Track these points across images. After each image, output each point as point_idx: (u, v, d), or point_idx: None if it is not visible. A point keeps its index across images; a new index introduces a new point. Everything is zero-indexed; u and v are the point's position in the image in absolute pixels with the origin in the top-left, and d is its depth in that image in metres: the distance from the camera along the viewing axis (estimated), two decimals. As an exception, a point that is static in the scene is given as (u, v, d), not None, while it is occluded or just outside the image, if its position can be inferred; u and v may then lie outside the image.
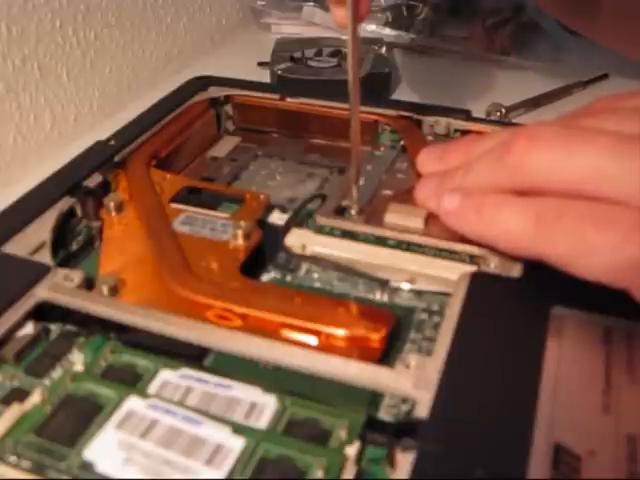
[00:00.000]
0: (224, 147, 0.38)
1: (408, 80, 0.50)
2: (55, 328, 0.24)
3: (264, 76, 0.47)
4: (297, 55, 0.49)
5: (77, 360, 0.22)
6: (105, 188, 0.31)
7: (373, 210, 0.29)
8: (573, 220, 0.21)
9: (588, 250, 0.21)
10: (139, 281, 0.26)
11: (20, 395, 0.21)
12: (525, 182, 0.23)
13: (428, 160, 0.29)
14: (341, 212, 0.29)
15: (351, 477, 0.18)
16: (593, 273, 0.21)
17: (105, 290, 0.25)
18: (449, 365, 0.21)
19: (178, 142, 0.36)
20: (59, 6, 0.40)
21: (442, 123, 0.35)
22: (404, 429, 0.19)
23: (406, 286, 0.26)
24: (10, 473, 0.18)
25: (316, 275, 0.27)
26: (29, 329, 0.23)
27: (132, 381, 0.22)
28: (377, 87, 0.46)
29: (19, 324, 0.23)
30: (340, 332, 0.23)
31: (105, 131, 0.35)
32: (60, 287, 0.24)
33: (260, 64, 0.51)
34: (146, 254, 0.27)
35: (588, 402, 0.20)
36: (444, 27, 0.55)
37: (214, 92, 0.39)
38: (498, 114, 0.43)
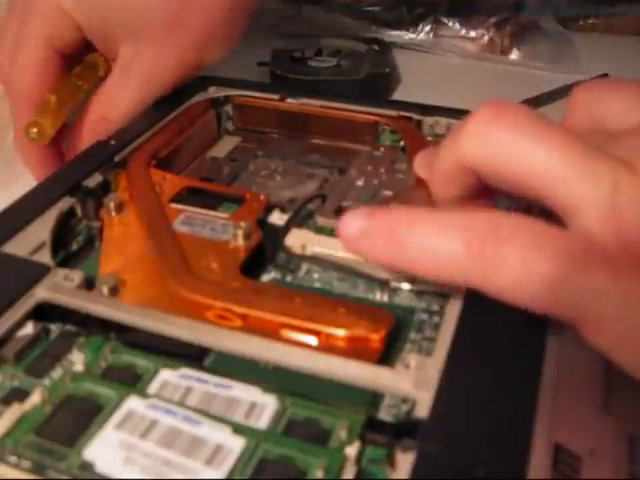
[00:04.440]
0: (224, 147, 0.38)
1: (408, 80, 0.50)
2: (55, 328, 0.24)
3: (264, 76, 0.47)
4: (297, 55, 0.49)
5: (77, 360, 0.22)
6: (105, 188, 0.31)
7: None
8: (519, 245, 0.18)
9: (535, 281, 0.18)
10: (139, 281, 0.26)
11: (20, 395, 0.21)
12: (479, 157, 0.20)
13: (423, 164, 0.29)
14: (341, 212, 0.29)
15: (351, 477, 0.18)
16: (541, 306, 0.19)
17: (105, 290, 0.25)
18: (449, 365, 0.21)
19: (178, 142, 0.36)
20: (59, 6, 0.40)
21: (442, 123, 0.35)
22: (404, 429, 0.19)
23: (406, 286, 0.26)
24: (10, 473, 0.18)
25: (316, 275, 0.27)
26: (29, 329, 0.23)
27: (132, 381, 0.22)
28: (377, 87, 0.46)
29: (19, 324, 0.23)
30: (340, 332, 0.23)
31: (105, 131, 0.35)
32: (60, 287, 0.24)
33: (260, 64, 0.51)
34: (146, 254, 0.27)
35: (588, 402, 0.20)
36: (444, 27, 0.55)
37: (214, 92, 0.39)
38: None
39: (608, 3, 0.59)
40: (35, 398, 0.21)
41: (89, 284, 0.25)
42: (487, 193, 0.23)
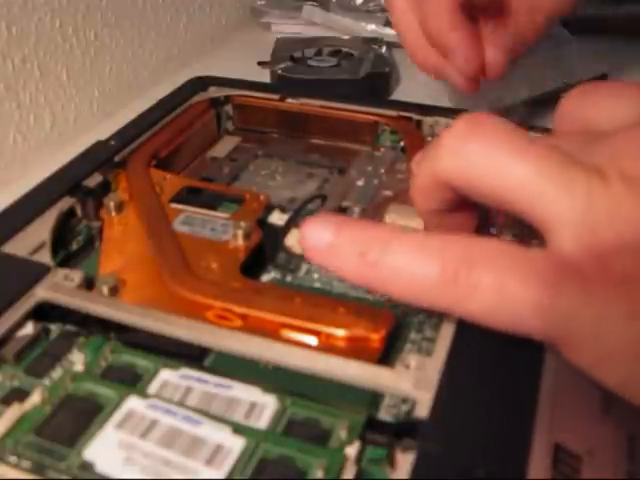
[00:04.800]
0: (224, 147, 0.38)
1: (408, 80, 0.50)
2: (55, 328, 0.24)
3: (264, 76, 0.47)
4: (297, 55, 0.49)
5: (77, 360, 0.22)
6: (105, 188, 0.31)
7: (373, 210, 0.29)
8: (492, 269, 0.18)
9: (509, 305, 0.18)
10: (139, 281, 0.26)
11: (20, 395, 0.21)
12: (455, 172, 0.20)
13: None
14: (341, 212, 0.29)
15: (351, 477, 0.18)
16: (517, 330, 0.18)
17: (105, 290, 0.25)
18: (449, 365, 0.21)
19: (178, 142, 0.36)
20: (59, 6, 0.40)
21: (442, 123, 0.35)
22: (404, 429, 0.19)
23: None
24: (10, 473, 0.18)
25: (316, 275, 0.27)
26: (29, 329, 0.23)
27: (132, 381, 0.22)
28: (377, 87, 0.46)
29: (19, 324, 0.23)
30: (340, 332, 0.23)
31: (105, 131, 0.35)
32: (60, 287, 0.24)
33: (260, 64, 0.51)
34: (146, 254, 0.27)
35: (588, 402, 0.20)
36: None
37: (214, 92, 0.39)
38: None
39: (608, 3, 0.58)
40: (35, 398, 0.21)
41: (89, 284, 0.25)
42: (468, 207, 0.23)
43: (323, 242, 0.20)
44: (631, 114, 0.21)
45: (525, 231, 0.24)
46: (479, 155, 0.19)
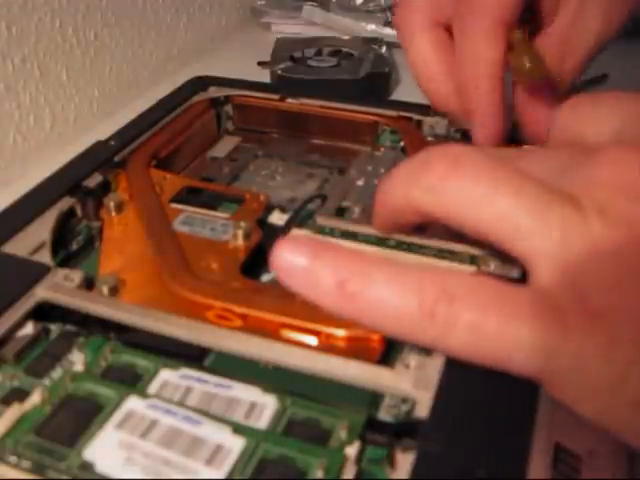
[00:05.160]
0: (224, 147, 0.38)
1: (408, 80, 0.50)
2: (55, 328, 0.24)
3: (264, 76, 0.47)
4: (297, 55, 0.49)
5: (77, 360, 0.22)
6: (105, 188, 0.31)
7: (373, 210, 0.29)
8: (471, 305, 0.18)
9: (486, 342, 0.18)
10: (139, 281, 0.26)
11: (20, 395, 0.21)
12: (434, 208, 0.20)
13: None
14: (341, 212, 0.29)
15: (351, 477, 0.18)
16: (497, 366, 0.18)
17: (105, 290, 0.25)
18: (449, 365, 0.21)
19: (178, 142, 0.36)
20: (59, 6, 0.40)
21: (442, 123, 0.35)
22: (404, 429, 0.19)
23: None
24: (10, 473, 0.18)
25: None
26: (29, 329, 0.23)
27: (132, 381, 0.22)
28: (377, 87, 0.46)
29: (19, 324, 0.23)
30: (340, 332, 0.23)
31: (105, 131, 0.35)
32: (60, 287, 0.24)
33: (260, 64, 0.51)
34: (146, 254, 0.27)
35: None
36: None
37: (214, 92, 0.39)
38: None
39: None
40: (35, 398, 0.21)
41: (89, 284, 0.25)
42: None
43: (297, 267, 0.19)
44: (619, 127, 0.21)
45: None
46: (458, 191, 0.20)
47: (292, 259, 0.19)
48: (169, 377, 0.22)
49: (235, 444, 0.19)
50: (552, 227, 0.18)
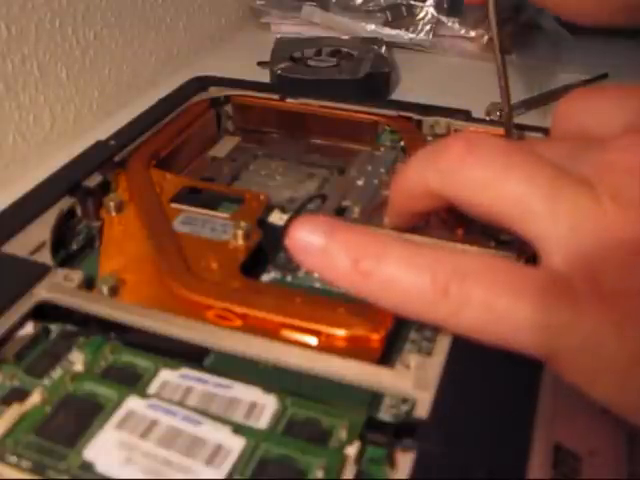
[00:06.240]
0: (224, 147, 0.38)
1: (408, 80, 0.50)
2: (55, 328, 0.24)
3: (264, 76, 0.47)
4: (297, 55, 0.49)
5: (77, 360, 0.22)
6: (105, 188, 0.31)
7: (373, 210, 0.29)
8: (483, 284, 0.18)
9: (498, 321, 0.18)
10: (139, 281, 0.26)
11: (20, 395, 0.21)
12: (450, 190, 0.21)
13: None
14: (341, 212, 0.29)
15: (351, 477, 0.18)
16: (508, 346, 0.18)
17: (105, 290, 0.25)
18: (449, 365, 0.21)
19: (178, 142, 0.36)
20: (58, 6, 0.40)
21: (442, 123, 0.35)
22: (404, 429, 0.19)
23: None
24: (10, 473, 0.18)
25: (316, 275, 0.27)
26: (29, 329, 0.23)
27: (132, 381, 0.22)
28: (377, 87, 0.46)
29: (19, 324, 0.23)
30: (340, 332, 0.23)
31: (105, 131, 0.35)
32: (60, 287, 0.24)
33: (260, 64, 0.51)
34: (146, 254, 0.27)
35: (588, 402, 0.20)
36: (444, 27, 0.55)
37: (214, 92, 0.39)
38: (498, 114, 0.43)
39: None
40: (35, 398, 0.21)
41: (89, 284, 0.25)
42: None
43: (313, 245, 0.19)
44: (626, 120, 0.21)
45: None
46: (472, 173, 0.20)
47: (308, 238, 0.19)
48: (169, 377, 0.22)
49: (235, 444, 0.19)
50: (565, 210, 0.18)
